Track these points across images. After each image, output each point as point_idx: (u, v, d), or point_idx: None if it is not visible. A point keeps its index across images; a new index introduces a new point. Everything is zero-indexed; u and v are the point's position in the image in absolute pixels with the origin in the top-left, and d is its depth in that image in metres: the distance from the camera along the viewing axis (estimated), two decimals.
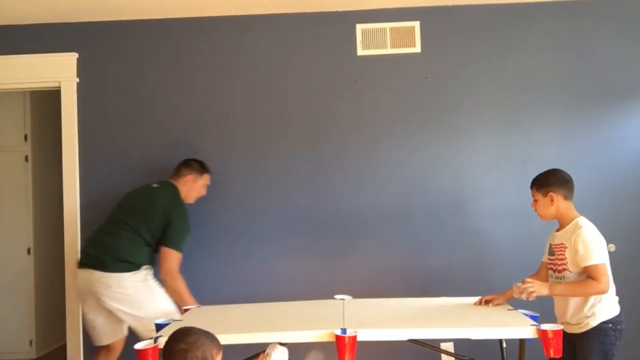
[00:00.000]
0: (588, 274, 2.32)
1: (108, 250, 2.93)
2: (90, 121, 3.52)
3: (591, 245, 2.33)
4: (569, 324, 2.40)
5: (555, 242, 2.49)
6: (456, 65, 3.47)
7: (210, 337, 1.72)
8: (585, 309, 2.35)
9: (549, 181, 2.48)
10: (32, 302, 4.32)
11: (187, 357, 1.64)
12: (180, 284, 2.97)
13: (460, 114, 3.45)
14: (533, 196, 2.53)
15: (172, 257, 2.97)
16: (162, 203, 3.04)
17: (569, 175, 2.50)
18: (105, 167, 3.50)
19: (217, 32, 3.52)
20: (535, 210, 2.54)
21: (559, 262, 2.44)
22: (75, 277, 3.04)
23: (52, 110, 3.92)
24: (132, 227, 2.98)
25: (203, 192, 3.26)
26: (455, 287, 3.32)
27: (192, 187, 3.19)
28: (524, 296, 2.34)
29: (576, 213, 2.47)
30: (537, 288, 2.32)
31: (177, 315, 2.78)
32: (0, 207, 4.36)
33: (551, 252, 2.52)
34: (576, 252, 2.35)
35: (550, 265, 2.52)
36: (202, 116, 3.50)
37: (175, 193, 3.12)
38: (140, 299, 2.89)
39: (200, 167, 3.24)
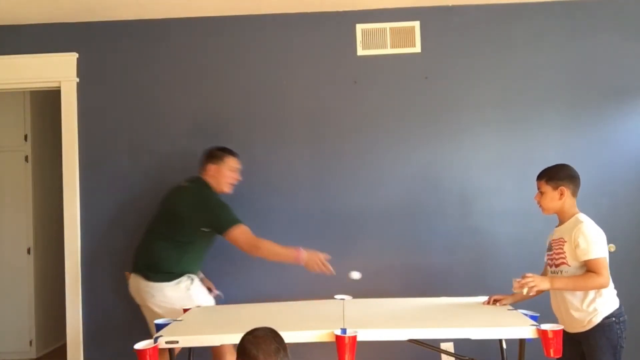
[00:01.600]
0: (589, 268, 2.33)
1: (147, 261, 2.94)
2: (90, 121, 3.52)
3: (592, 239, 2.34)
4: (572, 323, 2.39)
5: (554, 238, 2.50)
6: (456, 65, 3.47)
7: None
8: (585, 305, 2.35)
9: (561, 175, 2.46)
10: (32, 302, 4.32)
11: (250, 354, 1.71)
12: (268, 247, 2.88)
13: (460, 114, 3.45)
14: (540, 188, 2.50)
15: (238, 235, 2.87)
16: (189, 202, 2.92)
17: (576, 172, 2.50)
18: (105, 167, 3.49)
19: (217, 32, 3.52)
20: (539, 202, 2.51)
21: (557, 257, 2.44)
22: (129, 281, 3.06)
23: (52, 110, 3.92)
24: (166, 235, 2.93)
25: (235, 176, 3.11)
26: (455, 287, 3.32)
27: (219, 176, 3.05)
28: (524, 291, 2.32)
29: (577, 209, 2.48)
30: (538, 282, 2.32)
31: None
32: (0, 207, 4.36)
33: (549, 248, 2.52)
34: (577, 246, 2.35)
35: (548, 261, 2.53)
36: (201, 116, 3.50)
37: (200, 189, 3.00)
38: (183, 307, 2.85)
39: (221, 153, 3.10)
